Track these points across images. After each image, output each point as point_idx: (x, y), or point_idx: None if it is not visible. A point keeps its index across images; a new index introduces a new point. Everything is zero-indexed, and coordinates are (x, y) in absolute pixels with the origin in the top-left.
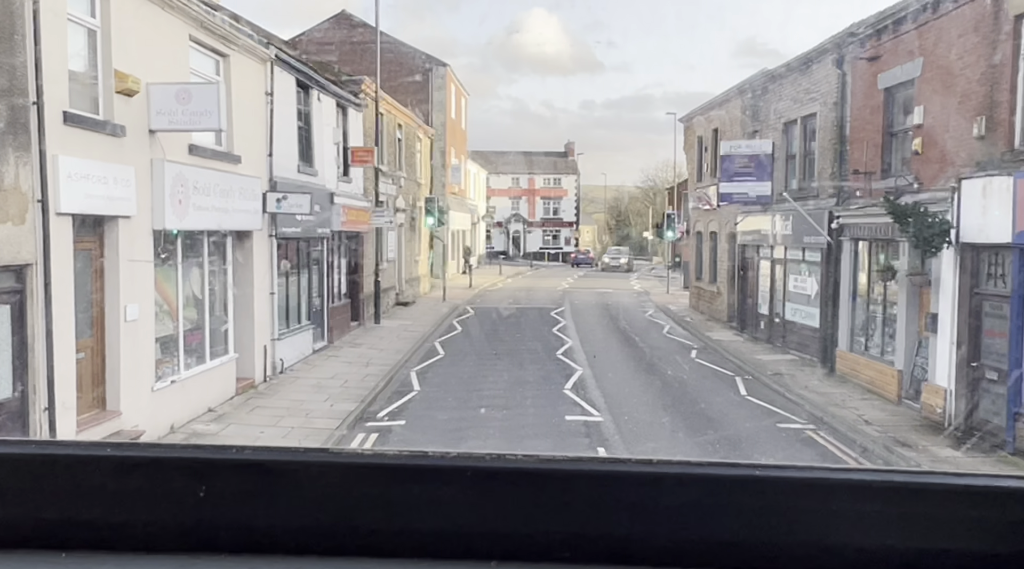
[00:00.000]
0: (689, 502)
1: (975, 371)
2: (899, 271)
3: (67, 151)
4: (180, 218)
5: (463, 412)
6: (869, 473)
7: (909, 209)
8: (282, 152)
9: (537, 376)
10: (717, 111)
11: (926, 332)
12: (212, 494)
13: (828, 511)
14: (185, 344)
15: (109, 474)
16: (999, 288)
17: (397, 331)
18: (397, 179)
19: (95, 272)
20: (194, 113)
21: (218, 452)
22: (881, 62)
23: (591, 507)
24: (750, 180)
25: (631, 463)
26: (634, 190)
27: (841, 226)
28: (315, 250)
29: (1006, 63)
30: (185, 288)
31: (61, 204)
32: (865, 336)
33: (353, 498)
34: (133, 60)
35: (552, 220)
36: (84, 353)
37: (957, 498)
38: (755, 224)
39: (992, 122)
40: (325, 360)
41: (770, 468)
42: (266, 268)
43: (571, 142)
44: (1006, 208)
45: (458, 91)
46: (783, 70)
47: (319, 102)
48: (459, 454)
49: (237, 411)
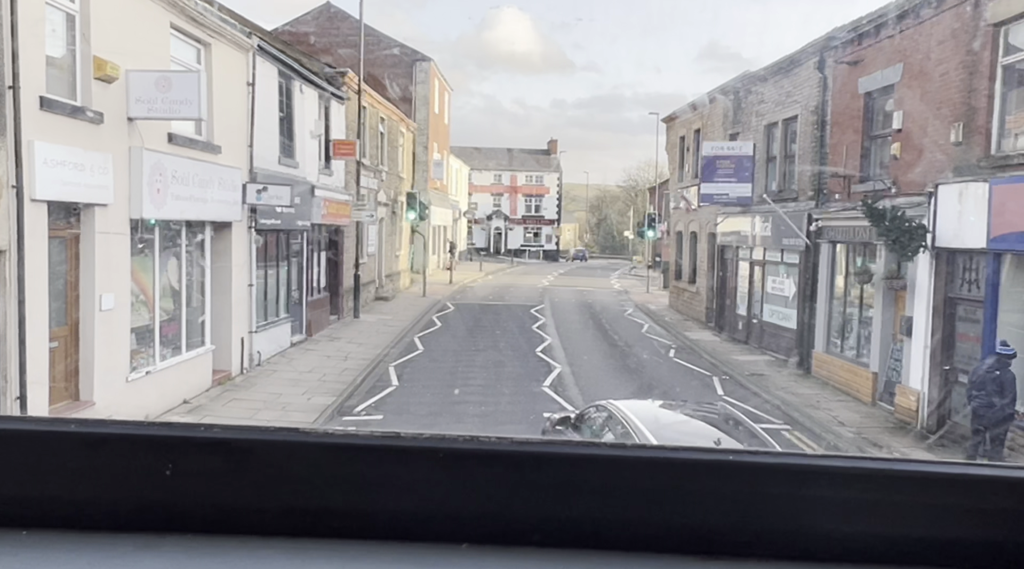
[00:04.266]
0: (662, 487)
1: (948, 374)
2: (876, 274)
3: (43, 137)
4: (158, 207)
5: (442, 407)
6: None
7: (887, 213)
8: (263, 143)
9: (516, 373)
10: (699, 112)
11: (901, 335)
12: (179, 472)
13: (801, 497)
14: (161, 335)
15: (73, 450)
16: (973, 293)
17: (376, 326)
18: (379, 173)
19: (70, 260)
20: (174, 101)
21: (186, 430)
22: (862, 66)
23: (564, 491)
24: (731, 181)
25: (604, 447)
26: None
27: (820, 229)
28: (295, 243)
29: (983, 70)
30: (162, 278)
31: (36, 190)
32: (841, 338)
33: (323, 478)
34: (113, 46)
35: (533, 217)
36: (57, 342)
37: (929, 485)
38: (735, 225)
39: (969, 128)
40: (303, 353)
41: (743, 453)
42: (245, 259)
43: (554, 140)
44: (981, 214)
45: (441, 86)
46: (765, 73)
47: (301, 94)
48: (432, 435)
49: (213, 403)
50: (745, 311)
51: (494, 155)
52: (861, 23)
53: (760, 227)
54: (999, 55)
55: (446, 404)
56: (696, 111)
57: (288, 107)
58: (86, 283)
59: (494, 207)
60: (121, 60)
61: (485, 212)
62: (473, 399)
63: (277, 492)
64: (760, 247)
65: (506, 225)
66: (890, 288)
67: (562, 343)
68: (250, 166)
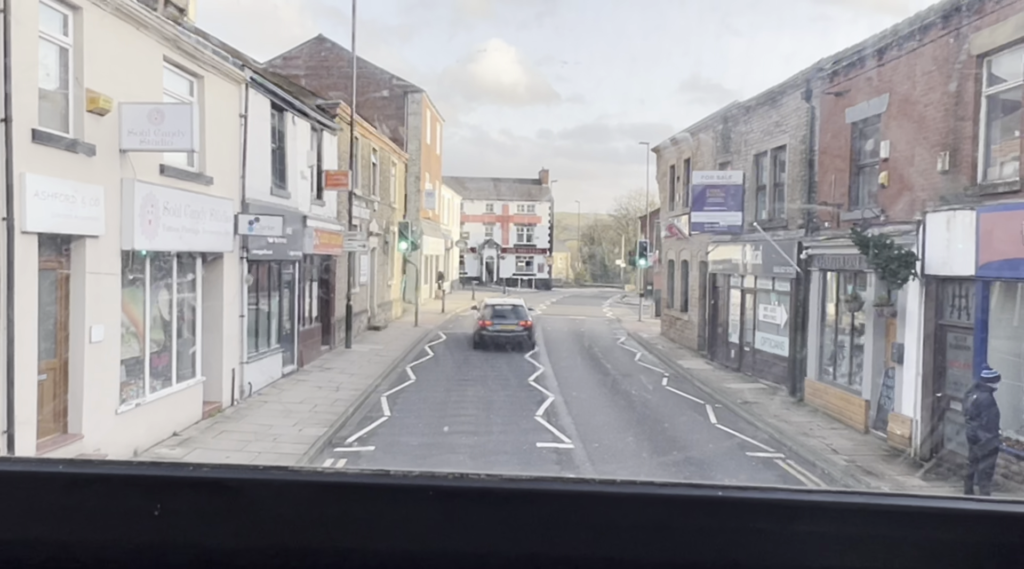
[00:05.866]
0: (652, 523)
1: (940, 401)
2: (866, 302)
3: (35, 169)
4: (149, 238)
5: (433, 438)
6: (831, 494)
7: (876, 241)
8: (255, 174)
9: (509, 403)
10: (689, 141)
11: (892, 362)
12: (167, 513)
13: (790, 532)
14: (151, 366)
15: (60, 491)
16: (963, 320)
17: (368, 355)
18: (371, 203)
19: (60, 292)
20: (167, 133)
21: (174, 469)
22: (848, 97)
23: (554, 527)
24: (721, 210)
25: (594, 483)
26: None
27: (810, 256)
28: (287, 273)
29: (968, 101)
30: (153, 309)
31: (27, 222)
32: (833, 365)
33: (313, 517)
34: (105, 79)
35: (525, 246)
36: (47, 375)
37: (917, 521)
38: (726, 253)
39: (955, 157)
40: (294, 384)
41: (732, 489)
42: (236, 290)
43: (545, 169)
44: (969, 242)
45: (433, 117)
46: (754, 102)
47: (294, 125)
48: (421, 473)
49: (203, 435)
50: (737, 339)
51: (486, 185)
52: (847, 55)
53: (751, 255)
54: (983, 86)
55: (439, 435)
56: (686, 141)
57: (280, 138)
58: (76, 315)
59: (486, 236)
60: (114, 93)
61: (477, 241)
62: (466, 429)
63: (267, 532)
64: (751, 275)
65: (498, 254)
66: (881, 315)
67: (555, 372)
68: (242, 197)
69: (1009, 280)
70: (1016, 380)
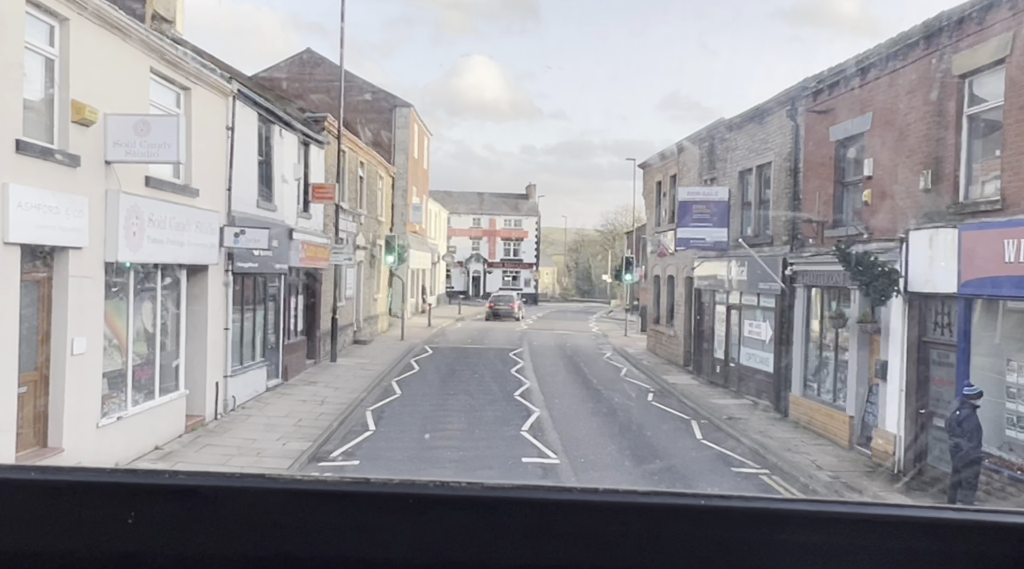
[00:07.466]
0: (634, 531)
1: (923, 417)
2: (850, 318)
3: (18, 180)
4: (134, 250)
5: (419, 452)
6: (813, 504)
7: (859, 258)
8: (241, 186)
9: (495, 417)
10: (675, 158)
11: (876, 379)
12: (142, 521)
13: (773, 541)
14: (134, 379)
15: (32, 499)
16: (946, 337)
17: (354, 369)
18: (358, 216)
19: (42, 304)
20: (152, 145)
21: (149, 477)
22: (832, 115)
23: (536, 536)
24: (707, 226)
25: (576, 492)
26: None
27: (795, 273)
28: (272, 286)
29: (950, 120)
30: (136, 322)
31: (10, 233)
32: (818, 382)
33: (292, 525)
34: (91, 90)
35: (512, 261)
36: (27, 387)
37: (900, 530)
38: (711, 269)
39: (937, 176)
40: (279, 398)
41: (715, 498)
42: (221, 303)
43: (532, 184)
44: (951, 259)
45: (421, 131)
46: (739, 120)
47: (281, 138)
48: (401, 481)
49: (186, 449)
50: (722, 354)
51: (473, 199)
52: (831, 73)
53: (736, 271)
54: (965, 105)
55: (423, 449)
56: (672, 157)
57: (267, 151)
58: (58, 327)
59: (473, 250)
60: (100, 104)
61: (464, 255)
62: (451, 444)
63: (244, 540)
64: (736, 291)
65: (484, 268)
66: (864, 332)
67: (540, 387)
68: (228, 209)
69: (990, 298)
70: (998, 397)
